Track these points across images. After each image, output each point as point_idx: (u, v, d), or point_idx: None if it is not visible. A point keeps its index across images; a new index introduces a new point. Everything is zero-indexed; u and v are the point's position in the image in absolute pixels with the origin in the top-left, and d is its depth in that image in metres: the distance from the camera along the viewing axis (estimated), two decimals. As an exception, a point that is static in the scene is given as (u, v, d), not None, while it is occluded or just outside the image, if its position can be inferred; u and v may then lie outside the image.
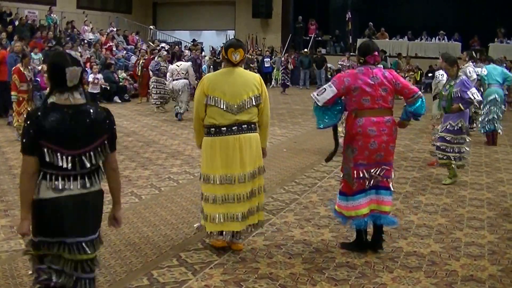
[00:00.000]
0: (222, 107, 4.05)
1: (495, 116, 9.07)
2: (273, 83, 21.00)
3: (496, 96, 9.14)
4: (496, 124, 9.12)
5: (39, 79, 11.76)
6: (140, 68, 15.39)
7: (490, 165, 7.65)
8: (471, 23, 22.29)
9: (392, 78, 4.17)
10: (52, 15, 19.25)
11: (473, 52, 9.52)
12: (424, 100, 4.24)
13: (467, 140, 6.55)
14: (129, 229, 4.79)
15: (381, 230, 4.30)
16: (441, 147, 6.45)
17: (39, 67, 12.37)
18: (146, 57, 15.78)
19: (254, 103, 4.12)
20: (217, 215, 4.12)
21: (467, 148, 6.62)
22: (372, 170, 4.14)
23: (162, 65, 13.01)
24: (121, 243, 4.44)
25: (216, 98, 4.05)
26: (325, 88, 4.17)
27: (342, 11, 24.35)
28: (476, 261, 4.13)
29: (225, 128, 4.07)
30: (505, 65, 11.49)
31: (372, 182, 4.17)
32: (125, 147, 8.79)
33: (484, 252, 4.31)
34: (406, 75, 15.46)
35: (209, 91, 4.07)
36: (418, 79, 19.22)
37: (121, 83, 15.88)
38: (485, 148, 8.95)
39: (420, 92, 4.27)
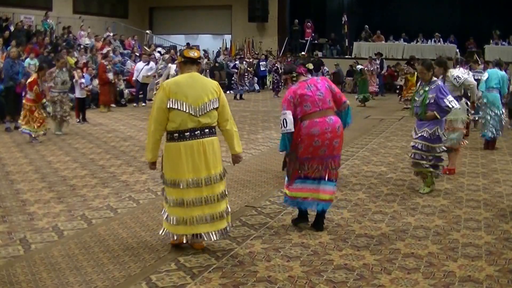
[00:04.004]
0: (185, 110, 4.11)
1: (487, 121, 8.97)
2: (270, 86, 21.10)
3: (486, 100, 9.03)
4: (489, 130, 8.95)
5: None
6: (113, 74, 14.55)
7: (486, 166, 7.67)
8: (467, 25, 22.40)
9: (326, 83, 4.91)
10: (48, 20, 19.25)
11: (467, 56, 9.50)
12: (350, 109, 5.03)
13: (444, 149, 6.20)
14: (127, 233, 4.79)
15: (322, 215, 4.88)
16: (416, 156, 6.06)
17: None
18: (110, 61, 14.96)
19: (213, 106, 4.21)
20: (188, 219, 4.17)
21: (443, 158, 6.23)
22: (316, 165, 4.73)
23: (174, 71, 13.02)
24: (119, 248, 4.44)
25: (179, 101, 4.10)
26: (284, 119, 4.70)
27: (338, 14, 24.45)
28: (473, 261, 4.14)
29: (188, 133, 4.13)
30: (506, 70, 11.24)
31: (314, 174, 4.76)
32: (122, 151, 8.79)
33: (481, 253, 4.32)
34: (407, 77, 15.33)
35: (171, 94, 4.12)
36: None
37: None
38: (481, 150, 8.97)
39: (348, 102, 5.00)
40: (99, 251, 4.36)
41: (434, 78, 6.04)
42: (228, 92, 20.57)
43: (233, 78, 18.86)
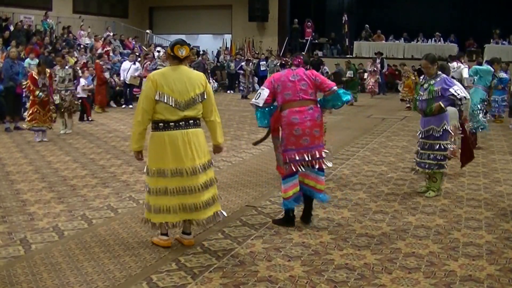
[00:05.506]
0: (170, 103, 4.17)
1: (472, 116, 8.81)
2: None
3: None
4: (473, 125, 8.81)
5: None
6: (109, 74, 14.39)
7: (487, 165, 7.67)
8: (467, 24, 22.42)
9: (312, 75, 4.88)
10: (48, 20, 19.24)
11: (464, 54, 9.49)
12: (342, 91, 5.00)
13: (452, 146, 6.09)
14: (128, 233, 4.79)
15: (311, 205, 4.99)
16: (425, 155, 5.91)
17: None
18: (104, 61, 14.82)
19: (199, 100, 4.29)
20: (171, 206, 4.23)
21: (451, 156, 6.11)
22: (302, 156, 4.76)
23: (159, 64, 12.96)
24: (120, 248, 4.43)
25: (165, 95, 4.17)
26: (260, 92, 4.88)
27: (338, 14, 24.46)
28: (474, 261, 4.14)
29: (173, 123, 4.20)
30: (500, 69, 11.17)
31: (304, 167, 4.81)
32: (122, 151, 8.79)
33: (482, 252, 4.32)
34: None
35: (158, 87, 4.18)
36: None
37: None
38: (482, 149, 8.97)
39: (335, 87, 4.94)
40: (100, 251, 4.36)
41: (439, 72, 5.85)
42: (228, 92, 20.60)
43: (240, 79, 19.09)
